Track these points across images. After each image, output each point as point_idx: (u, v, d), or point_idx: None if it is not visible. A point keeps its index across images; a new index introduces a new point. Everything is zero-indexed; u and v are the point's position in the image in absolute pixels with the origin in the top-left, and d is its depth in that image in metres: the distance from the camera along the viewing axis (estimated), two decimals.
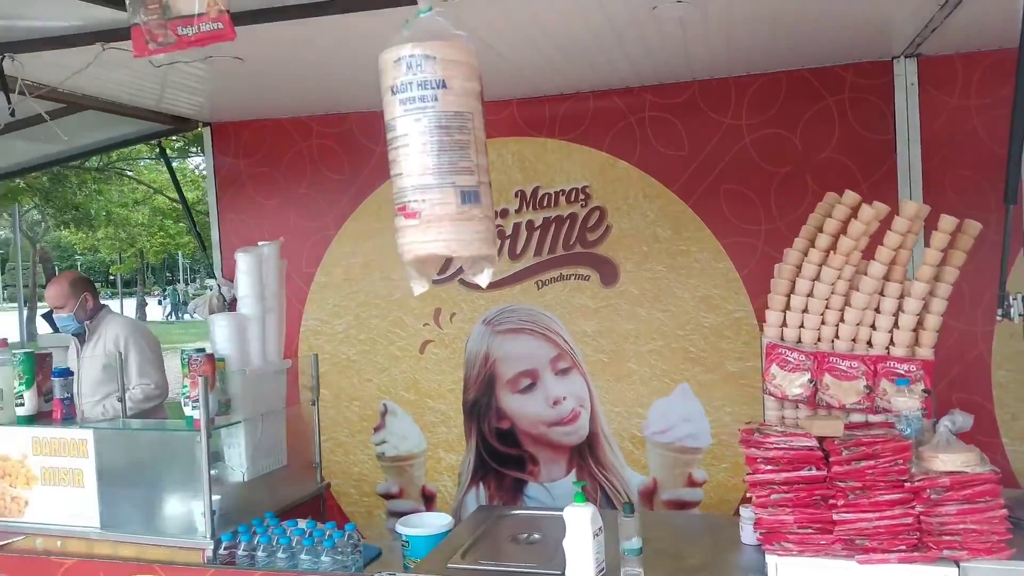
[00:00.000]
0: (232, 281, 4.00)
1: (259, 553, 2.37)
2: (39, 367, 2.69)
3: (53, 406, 2.69)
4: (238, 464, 2.63)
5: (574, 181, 3.57)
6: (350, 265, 3.89)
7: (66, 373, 2.69)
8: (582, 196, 3.56)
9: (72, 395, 2.70)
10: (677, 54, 2.94)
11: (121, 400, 3.14)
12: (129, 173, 18.16)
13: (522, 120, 3.60)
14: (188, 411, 2.51)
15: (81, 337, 3.69)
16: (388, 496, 3.90)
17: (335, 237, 3.91)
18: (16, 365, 2.65)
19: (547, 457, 3.67)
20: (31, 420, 2.68)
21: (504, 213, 3.65)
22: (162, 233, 34.91)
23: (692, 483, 3.50)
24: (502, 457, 3.73)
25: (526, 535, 2.54)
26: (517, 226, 3.65)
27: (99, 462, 2.54)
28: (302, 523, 2.47)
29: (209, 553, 2.41)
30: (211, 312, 3.97)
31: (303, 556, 2.32)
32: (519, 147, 3.62)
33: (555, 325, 3.62)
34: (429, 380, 3.82)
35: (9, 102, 2.45)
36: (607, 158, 3.52)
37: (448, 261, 1.65)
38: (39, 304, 20.01)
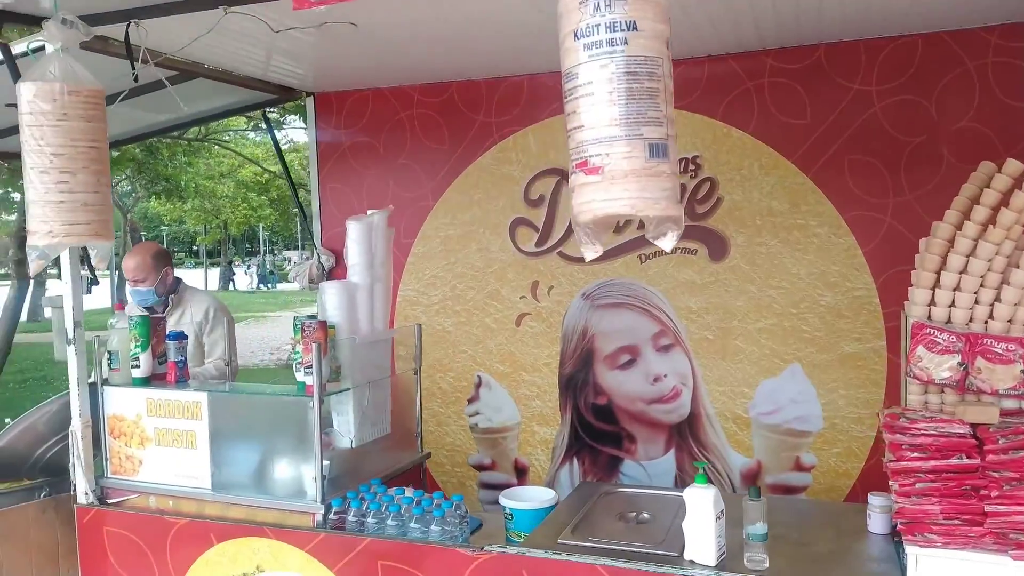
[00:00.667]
0: (331, 251, 4.04)
1: (368, 519, 2.35)
2: (153, 330, 2.73)
3: (167, 369, 2.73)
4: (346, 431, 2.61)
5: (684, 150, 3.41)
6: (447, 236, 3.85)
7: (181, 336, 2.72)
8: (692, 166, 3.41)
9: (185, 358, 2.73)
10: (808, 11, 2.75)
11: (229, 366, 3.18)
12: (226, 144, 18.70)
13: None
14: (300, 376, 2.50)
15: (151, 310, 3.42)
16: (480, 468, 3.87)
17: (433, 208, 3.87)
18: (132, 328, 2.69)
19: (645, 435, 3.57)
20: (145, 382, 2.72)
21: None
22: (245, 205, 35.91)
23: (800, 467, 3.35)
24: (598, 433, 3.64)
25: (634, 514, 2.45)
26: None
27: (212, 424, 2.56)
28: (409, 491, 2.45)
29: (319, 517, 2.41)
30: (311, 281, 4.01)
31: (412, 525, 2.29)
32: None
33: (658, 300, 3.50)
34: (525, 353, 3.75)
35: (133, 68, 2.47)
36: (721, 127, 3.35)
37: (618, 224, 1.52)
38: None
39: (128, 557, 2.63)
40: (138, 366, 2.70)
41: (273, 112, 10.09)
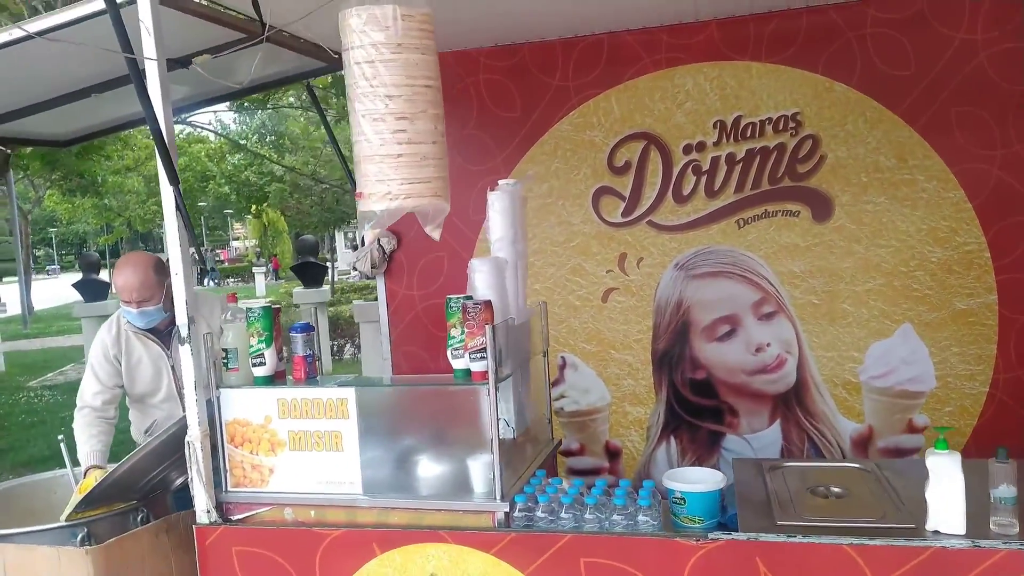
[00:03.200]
0: (393, 233, 3.80)
1: (563, 514, 2.19)
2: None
3: (294, 365, 2.48)
4: (509, 419, 2.44)
5: (783, 108, 3.34)
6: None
7: (308, 328, 2.47)
8: (792, 124, 3.34)
9: (314, 352, 2.49)
10: None
11: None
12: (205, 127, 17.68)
13: (722, 43, 3.36)
14: (460, 364, 2.31)
15: (154, 331, 3.06)
16: (567, 453, 3.73)
17: None
18: (255, 321, 2.43)
19: (747, 408, 3.50)
20: (270, 381, 2.47)
21: (701, 146, 3.43)
22: (153, 201, 34.27)
23: (912, 429, 3.35)
24: (696, 409, 3.56)
25: (822, 488, 2.38)
26: (715, 160, 3.43)
27: (362, 423, 2.34)
28: (591, 480, 2.30)
29: (500, 516, 2.23)
30: (373, 266, 3.77)
31: (615, 517, 2.15)
32: (719, 72, 3.38)
33: (758, 267, 3.43)
34: (613, 330, 3.63)
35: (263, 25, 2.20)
36: (822, 81, 3.29)
37: None
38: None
39: None
40: (263, 363, 2.44)
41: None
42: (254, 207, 36.89)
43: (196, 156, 36.12)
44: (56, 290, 26.82)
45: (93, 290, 10.61)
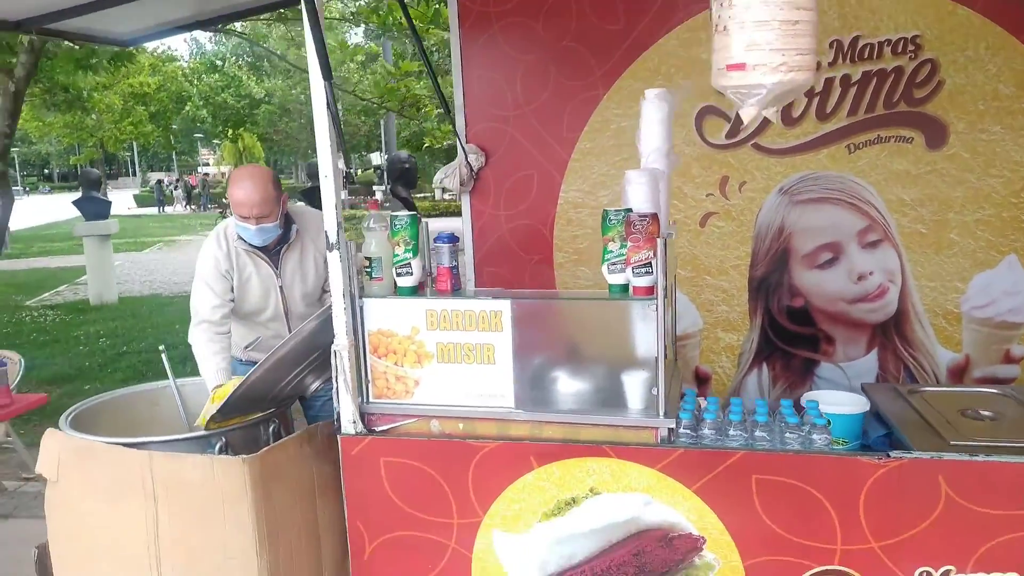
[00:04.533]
0: (480, 148, 3.70)
1: (732, 431, 2.19)
2: None
3: (438, 276, 2.42)
4: None
5: (902, 30, 3.26)
6: (621, 129, 3.58)
7: (454, 239, 2.41)
8: (911, 47, 3.26)
9: (458, 264, 2.43)
10: None
11: None
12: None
13: None
14: (619, 278, 2.27)
15: (265, 249, 3.00)
16: None
17: (604, 97, 3.57)
18: (402, 229, 2.35)
19: (845, 336, 3.52)
20: (414, 291, 2.41)
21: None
22: (129, 120, 33.18)
23: (1009, 359, 3.39)
24: (792, 336, 3.57)
25: (971, 411, 2.40)
26: (829, 81, 3.35)
27: (517, 336, 2.30)
28: (749, 402, 2.30)
29: (663, 432, 2.23)
30: (461, 184, 3.67)
31: (789, 435, 2.15)
32: None
33: (867, 193, 3.40)
34: (710, 256, 3.60)
35: None
36: (945, 3, 3.20)
37: None
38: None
39: (413, 489, 2.37)
40: (409, 273, 2.38)
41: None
42: (230, 131, 36.11)
43: (172, 75, 35.05)
44: (25, 211, 26.13)
45: (94, 208, 10.34)
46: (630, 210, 2.29)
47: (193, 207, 37.42)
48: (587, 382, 2.31)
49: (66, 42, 6.20)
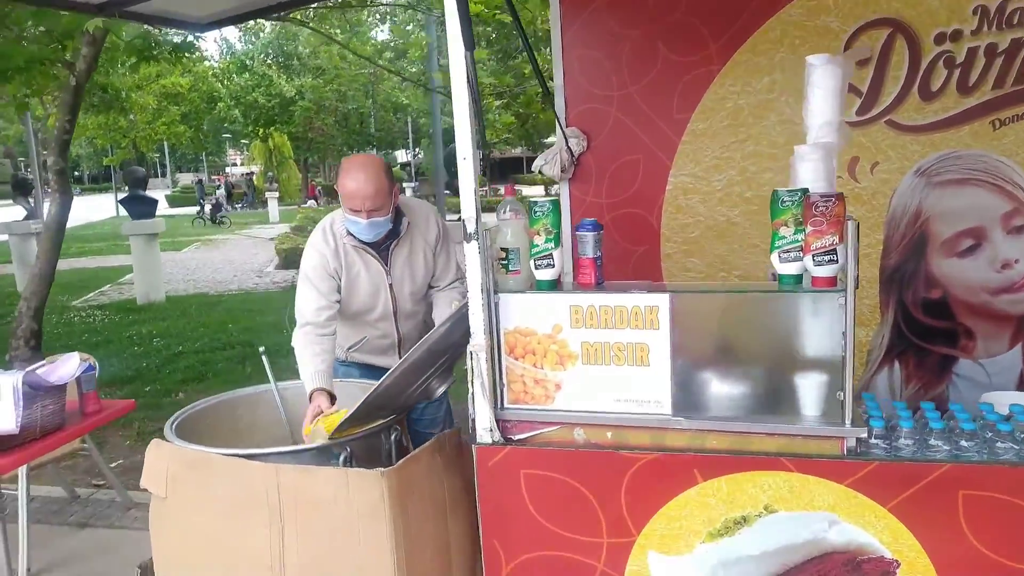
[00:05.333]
0: (582, 131, 3.47)
1: (932, 441, 1.94)
2: None
3: (580, 267, 2.19)
4: None
5: None
6: (738, 107, 3.33)
7: (598, 227, 2.18)
8: None
9: (602, 254, 2.20)
10: None
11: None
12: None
13: None
14: (791, 268, 2.03)
15: (374, 245, 2.80)
16: None
17: (719, 73, 3.32)
18: (542, 216, 2.13)
19: (986, 330, 3.23)
20: (554, 285, 2.19)
21: (956, 35, 3.07)
22: (163, 120, 33.50)
23: None
24: (927, 331, 3.29)
25: None
26: (973, 51, 3.07)
27: (676, 334, 2.06)
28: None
29: (851, 442, 1.98)
30: (562, 169, 3.44)
31: (1001, 444, 1.90)
32: None
33: (1013, 174, 3.11)
34: None
35: None
36: None
37: None
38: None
39: (557, 504, 2.15)
40: (550, 265, 2.16)
41: None
42: (260, 130, 36.27)
43: (202, 75, 35.27)
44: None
45: (141, 207, 10.28)
46: (806, 190, 2.05)
47: (226, 208, 37.66)
48: (756, 386, 2.07)
49: (125, 35, 6.04)
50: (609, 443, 2.14)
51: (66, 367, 2.98)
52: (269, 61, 36.78)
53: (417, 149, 37.61)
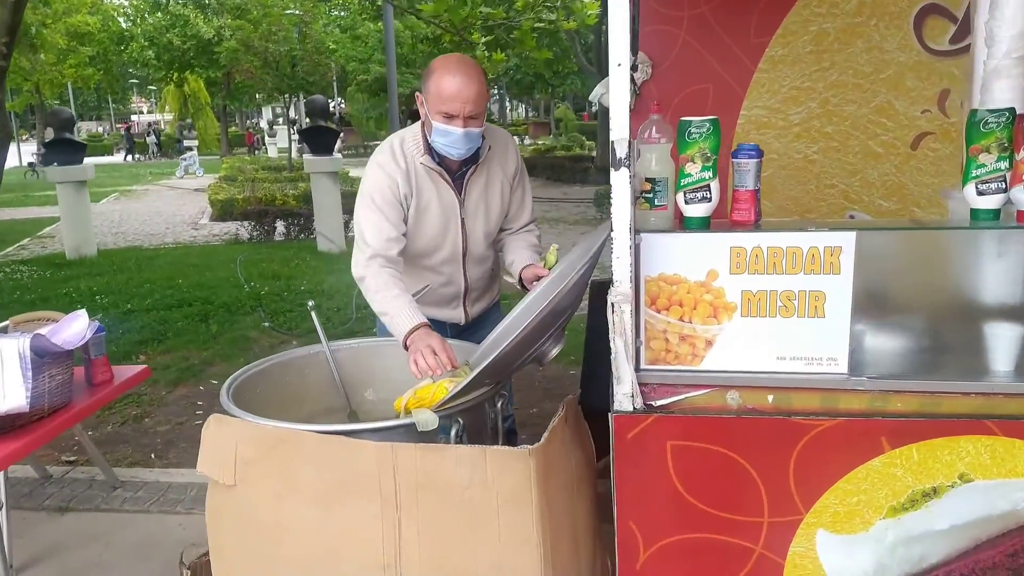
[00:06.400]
0: (648, 57, 3.12)
1: None
2: None
3: (738, 202, 1.88)
4: None
5: None
6: (822, 32, 3.03)
7: (759, 152, 1.86)
8: None
9: (760, 188, 1.89)
10: None
11: None
12: None
13: None
14: (990, 201, 1.76)
15: (449, 169, 2.43)
16: None
17: None
18: (699, 139, 1.80)
19: None
20: (707, 223, 1.87)
21: None
22: (70, 62, 31.36)
23: None
24: None
25: None
26: None
27: (859, 279, 1.78)
28: None
29: None
30: None
31: None
32: None
33: None
34: (920, 184, 3.10)
35: None
36: None
37: None
38: None
39: (710, 481, 1.86)
40: (707, 199, 1.84)
41: None
42: (176, 75, 34.32)
43: (112, 14, 33.01)
44: None
45: (68, 152, 9.41)
46: (1013, 110, 1.77)
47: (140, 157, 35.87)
48: (950, 339, 1.82)
49: None
50: (770, 408, 1.86)
51: (72, 328, 2.50)
52: (186, 1, 34.68)
53: (340, 99, 36.33)
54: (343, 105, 37.56)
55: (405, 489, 1.66)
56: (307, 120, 9.89)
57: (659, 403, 1.88)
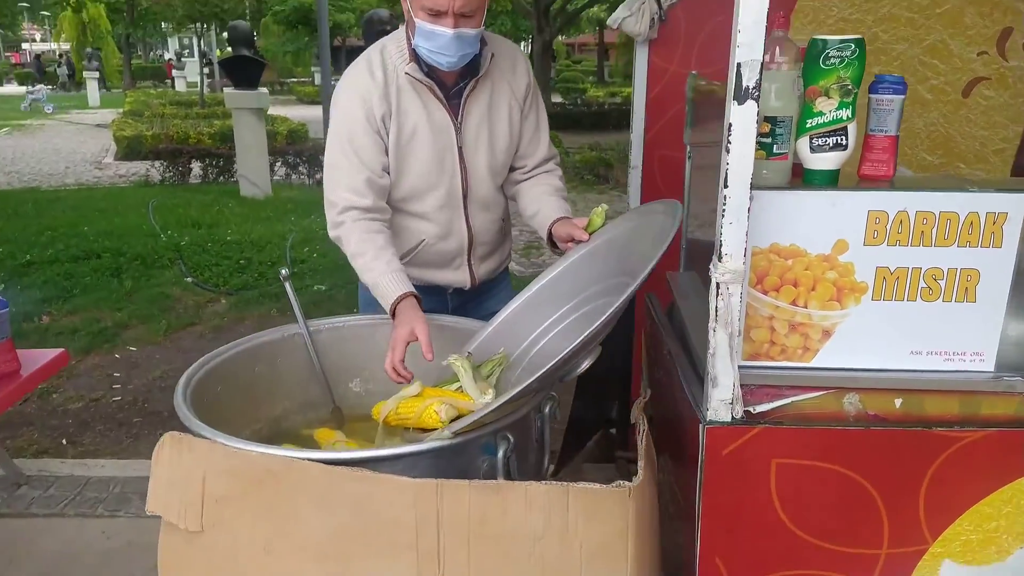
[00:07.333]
0: None
1: None
2: None
3: (868, 150, 1.46)
4: None
5: None
6: None
7: (903, 87, 1.44)
8: None
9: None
10: None
11: None
12: None
13: None
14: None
15: (439, 80, 1.91)
16: None
17: None
18: (839, 66, 1.36)
19: None
20: (834, 178, 1.45)
21: None
22: None
23: None
24: None
25: None
26: None
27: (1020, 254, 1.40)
28: None
29: None
30: (649, 25, 2.63)
31: None
32: None
33: None
34: (969, 136, 2.76)
35: None
36: None
37: None
38: None
39: (820, 506, 1.48)
40: (840, 145, 1.42)
41: None
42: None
43: None
44: None
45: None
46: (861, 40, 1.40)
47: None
48: None
49: None
50: (900, 415, 1.47)
51: None
52: None
53: (254, 32, 34.34)
54: (256, 37, 35.52)
55: (452, 542, 1.21)
56: (229, 49, 9.04)
57: (758, 409, 1.48)
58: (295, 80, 32.78)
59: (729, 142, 1.30)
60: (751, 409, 1.47)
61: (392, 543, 1.23)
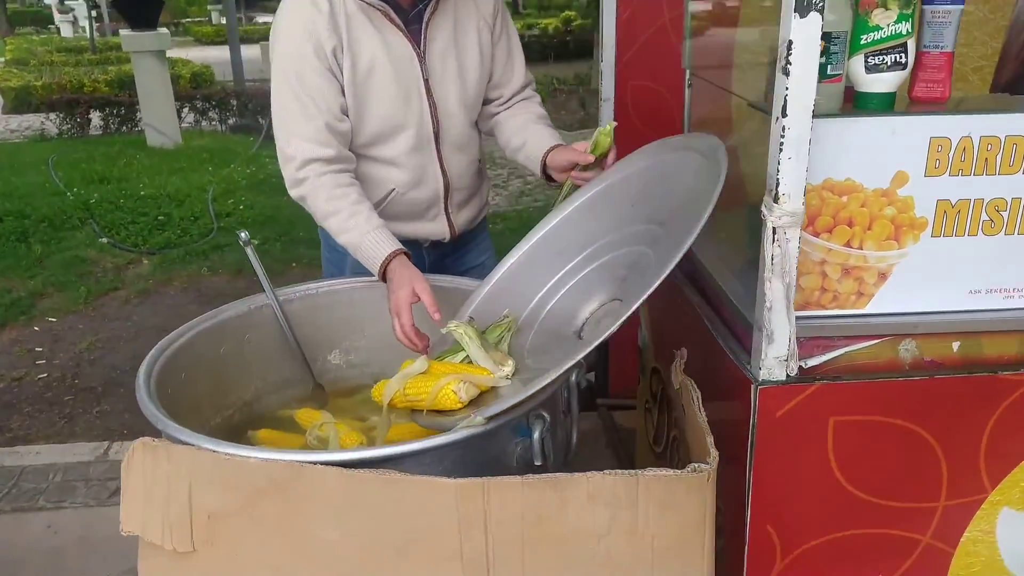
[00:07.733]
0: None
1: None
2: None
3: (921, 68, 1.31)
4: None
5: None
6: None
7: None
8: None
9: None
10: None
11: None
12: None
13: None
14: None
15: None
16: None
17: None
18: None
19: None
20: (891, 102, 1.29)
21: None
22: None
23: None
24: None
25: None
26: None
27: None
28: None
29: None
30: None
31: None
32: None
33: None
34: None
35: None
36: None
37: None
38: None
39: (880, 464, 1.37)
40: (899, 64, 1.26)
41: None
42: None
43: None
44: None
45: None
46: None
47: None
48: None
49: None
50: (959, 360, 1.36)
51: None
52: None
53: None
54: None
55: (503, 547, 1.04)
56: None
57: (810, 363, 1.34)
58: (189, 20, 30.86)
59: (788, 63, 1.12)
60: (803, 364, 1.33)
61: (431, 553, 1.04)
